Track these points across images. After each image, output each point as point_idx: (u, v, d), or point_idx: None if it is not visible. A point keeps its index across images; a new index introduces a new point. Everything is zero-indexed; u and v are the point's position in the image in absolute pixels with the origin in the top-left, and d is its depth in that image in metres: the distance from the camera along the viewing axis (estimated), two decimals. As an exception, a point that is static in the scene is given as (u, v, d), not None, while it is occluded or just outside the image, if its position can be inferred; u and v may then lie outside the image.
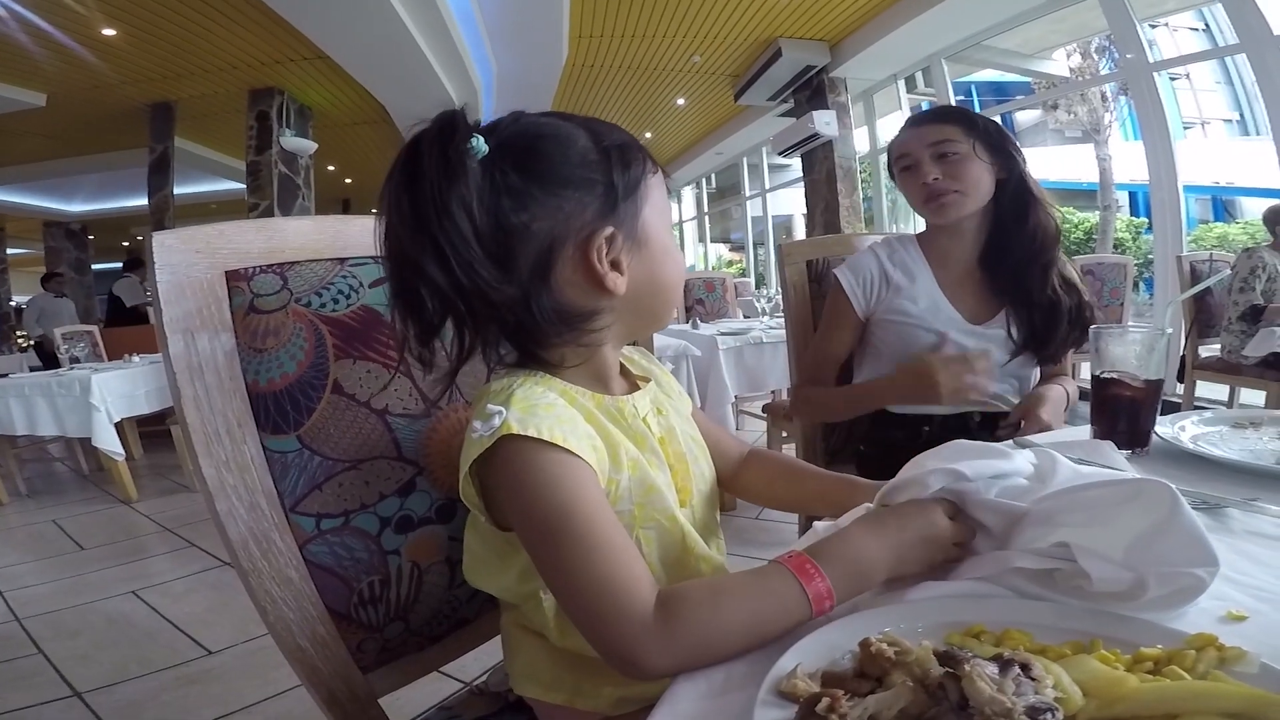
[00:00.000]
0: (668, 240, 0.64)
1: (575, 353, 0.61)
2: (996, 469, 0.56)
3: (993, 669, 0.36)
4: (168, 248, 0.62)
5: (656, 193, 0.63)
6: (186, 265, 0.63)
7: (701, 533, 0.68)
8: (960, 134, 1.21)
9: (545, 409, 0.55)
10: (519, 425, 0.52)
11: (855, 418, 1.38)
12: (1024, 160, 1.24)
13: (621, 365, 0.70)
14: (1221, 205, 11.21)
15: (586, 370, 0.63)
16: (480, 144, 0.54)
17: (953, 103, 5.77)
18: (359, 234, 0.75)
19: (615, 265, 0.59)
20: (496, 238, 0.54)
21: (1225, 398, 3.47)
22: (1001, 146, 1.22)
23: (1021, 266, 1.23)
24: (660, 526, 0.61)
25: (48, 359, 5.20)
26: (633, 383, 0.70)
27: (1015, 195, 1.23)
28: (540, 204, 0.56)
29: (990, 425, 1.27)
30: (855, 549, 0.51)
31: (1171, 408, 2.34)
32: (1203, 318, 3.35)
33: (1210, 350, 3.28)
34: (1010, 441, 0.81)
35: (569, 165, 0.57)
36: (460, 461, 0.56)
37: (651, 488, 0.61)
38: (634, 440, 0.62)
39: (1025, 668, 0.36)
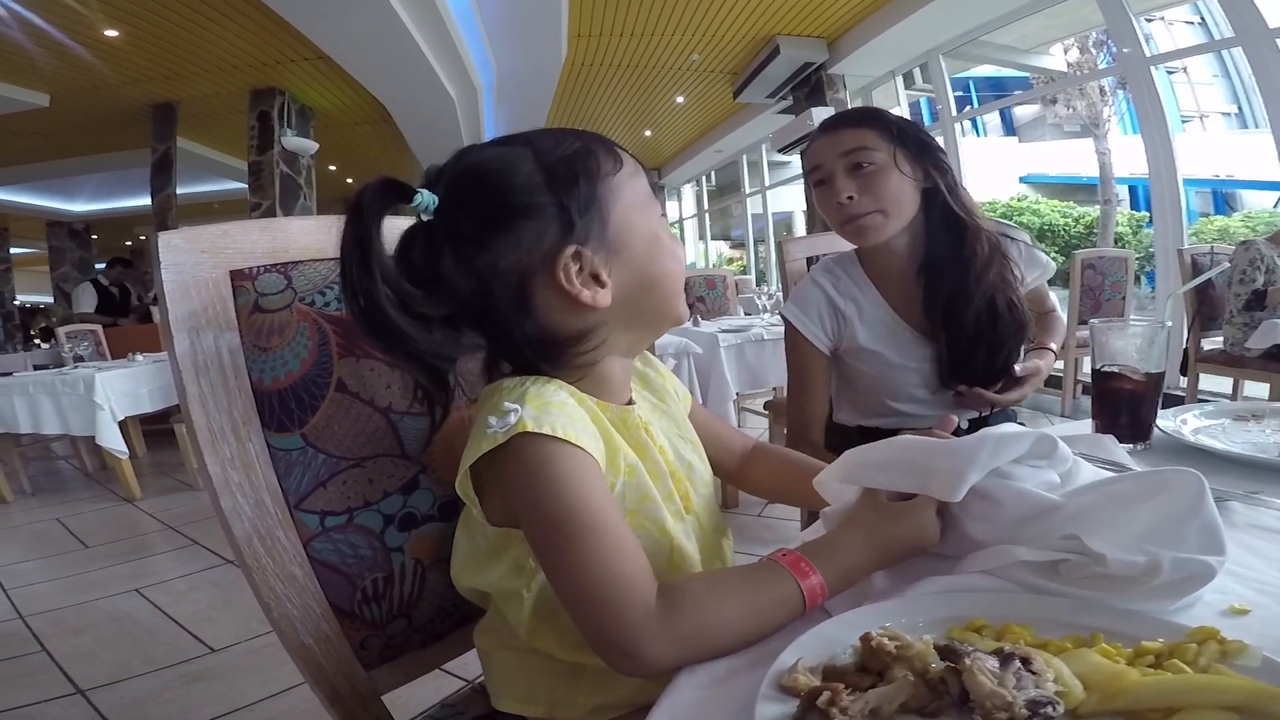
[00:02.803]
0: (654, 230, 0.62)
1: (570, 374, 0.61)
2: (1022, 449, 0.56)
3: (993, 663, 0.36)
4: (173, 247, 0.62)
5: (627, 189, 0.61)
6: (192, 265, 0.63)
7: (710, 534, 0.68)
8: (877, 139, 1.07)
9: (558, 407, 0.55)
10: (534, 423, 0.53)
11: (821, 430, 1.29)
12: (952, 174, 1.11)
13: None
14: (1222, 198, 11.19)
15: (587, 384, 0.63)
16: (426, 198, 0.56)
17: (951, 99, 5.75)
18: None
19: (596, 279, 0.58)
20: (473, 287, 0.56)
21: (1229, 390, 3.46)
22: (924, 154, 1.09)
23: (957, 298, 1.10)
24: (650, 536, 0.61)
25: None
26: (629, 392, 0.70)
27: (944, 217, 1.11)
28: (497, 243, 0.56)
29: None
30: (849, 555, 0.54)
31: (1175, 401, 2.34)
32: (1205, 311, 3.33)
33: (1213, 343, 3.27)
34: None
35: (514, 195, 0.57)
36: (464, 454, 0.56)
37: (647, 496, 0.61)
38: (635, 449, 0.63)
39: (1026, 662, 0.37)
